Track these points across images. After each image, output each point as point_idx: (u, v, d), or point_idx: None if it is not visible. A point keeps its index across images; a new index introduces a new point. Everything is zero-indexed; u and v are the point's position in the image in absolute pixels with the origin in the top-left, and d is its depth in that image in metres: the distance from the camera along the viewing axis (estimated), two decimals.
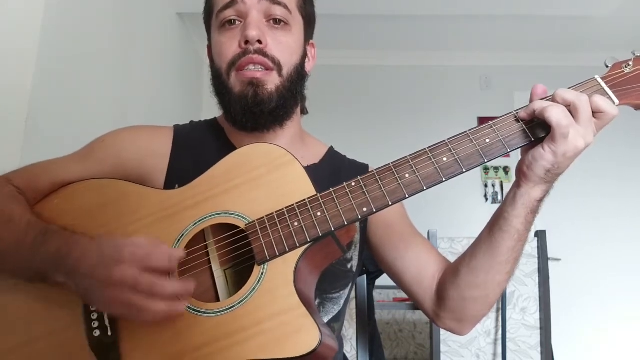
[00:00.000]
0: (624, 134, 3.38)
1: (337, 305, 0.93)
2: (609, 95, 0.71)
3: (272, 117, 0.88)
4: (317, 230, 0.70)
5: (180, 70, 3.20)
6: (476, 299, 0.83)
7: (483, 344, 1.82)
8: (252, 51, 0.85)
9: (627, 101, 0.73)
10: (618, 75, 0.73)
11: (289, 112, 0.92)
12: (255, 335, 0.65)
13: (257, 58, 0.85)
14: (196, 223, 0.74)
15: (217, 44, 0.90)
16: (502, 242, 0.77)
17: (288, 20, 0.89)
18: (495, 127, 0.71)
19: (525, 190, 0.74)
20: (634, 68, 0.73)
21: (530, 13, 3.17)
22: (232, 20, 0.88)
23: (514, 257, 0.79)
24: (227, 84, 0.88)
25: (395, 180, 0.71)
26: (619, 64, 0.74)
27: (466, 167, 0.70)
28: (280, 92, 0.87)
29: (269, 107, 0.86)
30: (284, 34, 0.89)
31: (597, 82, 0.73)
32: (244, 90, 0.85)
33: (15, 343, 0.71)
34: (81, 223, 0.78)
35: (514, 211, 0.75)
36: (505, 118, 0.72)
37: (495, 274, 0.80)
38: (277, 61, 0.87)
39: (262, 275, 0.69)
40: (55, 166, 0.87)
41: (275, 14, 0.88)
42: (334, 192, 0.71)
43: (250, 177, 0.75)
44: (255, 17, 0.86)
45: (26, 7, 1.56)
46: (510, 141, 0.71)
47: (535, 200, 0.74)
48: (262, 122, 0.88)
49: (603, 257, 3.37)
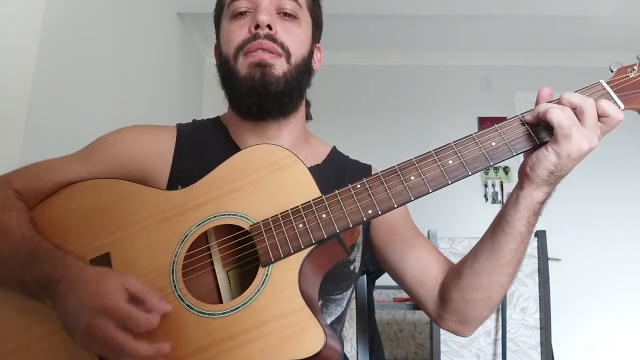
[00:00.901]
0: (625, 135, 3.38)
1: (340, 307, 0.92)
2: (615, 99, 0.72)
3: (278, 102, 0.87)
4: (322, 232, 0.70)
5: (180, 70, 3.20)
6: (479, 300, 0.83)
7: (483, 344, 1.82)
8: (262, 36, 0.85)
9: (632, 106, 0.73)
10: (623, 80, 0.73)
11: (294, 102, 0.91)
12: (260, 337, 0.65)
13: (267, 43, 0.85)
14: (200, 224, 0.74)
15: (226, 32, 0.90)
16: (504, 244, 0.77)
17: (298, 15, 0.90)
18: (500, 130, 0.72)
19: (527, 192, 0.73)
20: (639, 73, 0.73)
21: (530, 13, 3.16)
22: (244, 11, 0.89)
23: (516, 259, 0.78)
24: (234, 69, 0.87)
25: (401, 183, 0.71)
26: (624, 69, 0.75)
27: (472, 170, 0.70)
28: (287, 78, 0.86)
29: (275, 89, 0.85)
30: (293, 25, 0.89)
31: (603, 87, 0.73)
32: (252, 72, 0.85)
33: (11, 347, 0.71)
34: (82, 224, 0.78)
35: (517, 213, 0.75)
36: (512, 121, 0.72)
37: (497, 276, 0.80)
38: (286, 48, 0.87)
39: (267, 277, 0.69)
40: (55, 166, 0.87)
41: (286, 7, 0.89)
42: (339, 194, 0.71)
43: (254, 179, 0.75)
44: (267, 4, 0.87)
45: (26, 7, 1.55)
46: (516, 144, 0.71)
47: (537, 203, 0.74)
48: (267, 106, 0.87)
49: (603, 257, 3.37)
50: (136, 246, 0.75)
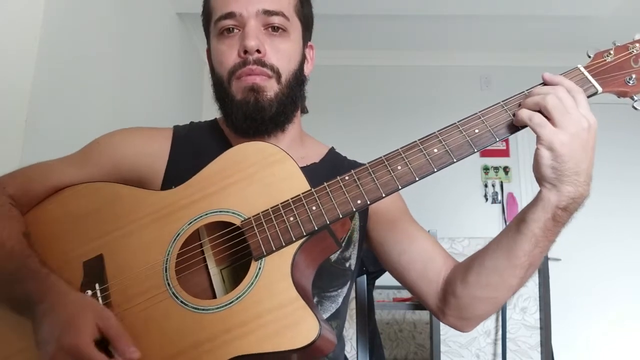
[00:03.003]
0: (625, 134, 3.38)
1: (335, 304, 0.92)
2: (592, 83, 0.74)
3: (273, 123, 0.90)
4: (312, 224, 0.70)
5: (180, 70, 3.20)
6: (485, 299, 0.83)
7: (483, 344, 1.82)
8: (251, 61, 0.86)
9: (610, 89, 0.74)
10: (600, 64, 0.75)
11: (289, 116, 0.93)
12: (255, 329, 0.65)
13: (257, 69, 0.86)
14: (191, 222, 0.74)
15: (216, 51, 0.91)
16: (519, 244, 0.76)
17: (286, 27, 0.90)
18: (483, 117, 0.73)
19: (544, 193, 0.72)
20: (615, 57, 0.75)
21: (530, 13, 3.17)
22: (231, 28, 0.89)
23: (529, 263, 0.77)
24: (229, 91, 0.89)
25: (388, 173, 0.72)
26: (601, 54, 0.77)
27: (457, 157, 0.72)
28: (280, 98, 0.88)
29: (269, 114, 0.87)
30: (282, 40, 0.89)
31: (581, 71, 0.75)
32: (246, 97, 0.87)
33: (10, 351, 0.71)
34: (75, 227, 0.79)
35: (533, 215, 0.73)
36: (493, 109, 0.74)
37: (507, 277, 0.79)
38: (275, 69, 0.88)
39: (260, 271, 0.69)
40: (50, 170, 0.87)
41: (273, 22, 0.88)
42: (328, 187, 0.72)
43: (244, 175, 0.76)
44: (254, 26, 0.87)
45: (26, 7, 1.56)
46: (499, 130, 0.73)
47: (555, 206, 0.71)
48: (263, 129, 0.89)
49: (603, 257, 3.37)
50: (129, 247, 0.75)
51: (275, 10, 0.88)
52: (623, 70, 0.75)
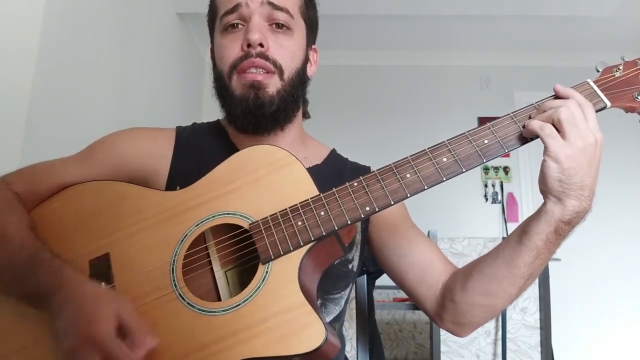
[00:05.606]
0: (625, 135, 3.38)
1: (338, 306, 0.93)
2: (601, 98, 0.74)
3: (273, 119, 0.89)
4: (320, 229, 0.70)
5: (180, 70, 3.20)
6: (483, 306, 0.83)
7: (483, 344, 1.82)
8: (254, 54, 0.85)
9: (619, 104, 0.75)
10: (609, 79, 0.76)
11: (290, 115, 0.92)
12: (261, 333, 0.65)
13: (259, 61, 0.85)
14: (199, 224, 0.74)
15: (219, 46, 0.91)
16: (520, 254, 0.76)
17: (290, 25, 0.89)
18: (493, 128, 0.74)
19: (548, 206, 0.72)
20: (624, 72, 0.76)
21: (530, 13, 3.17)
22: (235, 24, 0.88)
23: (529, 273, 0.77)
24: (228, 87, 0.88)
25: (397, 180, 0.72)
26: (610, 69, 0.77)
27: (466, 167, 0.72)
28: (282, 95, 0.87)
29: (269, 110, 0.87)
30: (285, 38, 0.89)
31: (590, 86, 0.75)
32: (246, 93, 0.86)
33: (3, 352, 0.71)
34: (81, 226, 0.78)
35: (536, 227, 0.73)
36: (503, 120, 0.74)
37: (507, 286, 0.79)
38: (278, 64, 0.87)
39: (267, 274, 0.69)
40: (54, 168, 0.87)
41: (278, 18, 0.88)
42: (336, 192, 0.72)
43: (253, 178, 0.75)
44: (258, 20, 0.87)
45: (26, 7, 1.56)
46: (508, 142, 0.73)
47: (558, 220, 0.71)
48: (262, 125, 0.89)
49: (603, 257, 3.37)
50: (135, 246, 0.75)
51: (280, 5, 0.88)
52: (631, 85, 0.75)
